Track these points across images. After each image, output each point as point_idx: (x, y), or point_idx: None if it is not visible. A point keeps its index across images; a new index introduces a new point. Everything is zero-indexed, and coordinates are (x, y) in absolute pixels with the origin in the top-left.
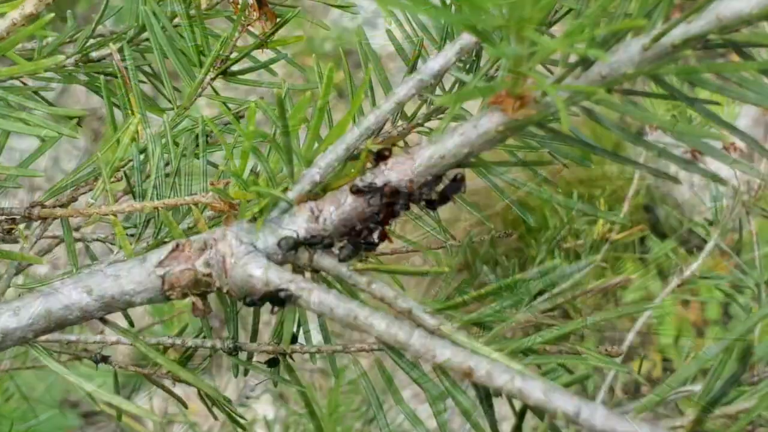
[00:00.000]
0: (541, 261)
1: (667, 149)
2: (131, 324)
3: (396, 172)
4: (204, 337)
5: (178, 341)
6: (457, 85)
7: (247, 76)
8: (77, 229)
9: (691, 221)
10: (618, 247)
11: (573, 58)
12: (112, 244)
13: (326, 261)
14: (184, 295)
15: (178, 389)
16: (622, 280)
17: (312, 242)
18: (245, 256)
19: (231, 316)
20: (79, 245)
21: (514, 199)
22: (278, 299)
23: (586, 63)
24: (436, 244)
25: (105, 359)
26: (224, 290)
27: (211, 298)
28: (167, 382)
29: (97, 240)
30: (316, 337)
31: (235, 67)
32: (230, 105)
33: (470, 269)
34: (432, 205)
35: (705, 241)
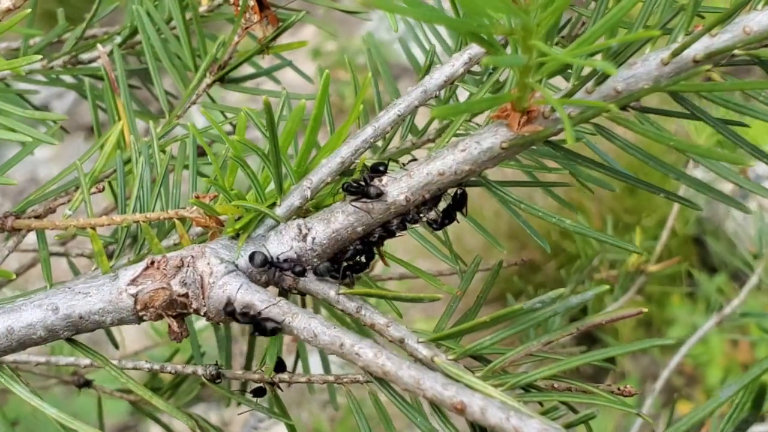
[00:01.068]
0: (572, 292)
1: (686, 173)
2: (115, 344)
3: (391, 188)
4: (189, 363)
5: (156, 366)
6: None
7: (249, 85)
8: (63, 243)
9: (735, 254)
10: (664, 280)
11: (587, 71)
12: None
13: (313, 283)
14: (159, 317)
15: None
16: (632, 312)
17: (280, 265)
18: (225, 276)
19: (222, 341)
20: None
21: (525, 221)
22: (260, 327)
23: (600, 76)
24: (448, 270)
25: (88, 383)
26: (201, 312)
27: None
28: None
29: (81, 255)
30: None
31: (234, 74)
32: (228, 114)
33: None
34: (436, 224)
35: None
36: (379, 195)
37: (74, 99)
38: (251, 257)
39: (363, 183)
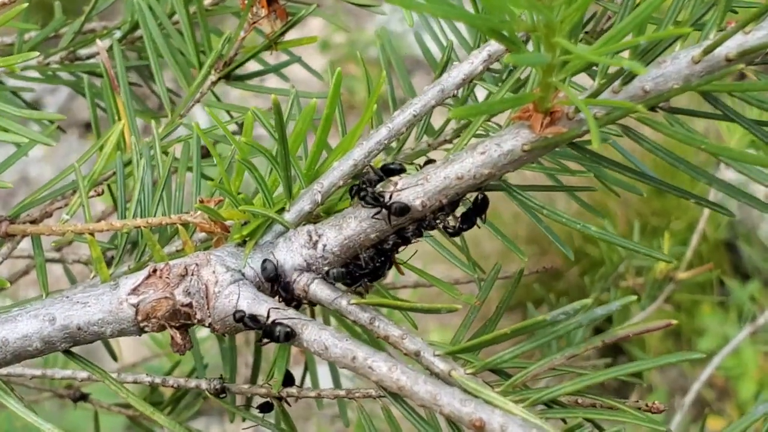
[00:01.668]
0: (596, 301)
1: (718, 178)
2: (113, 356)
3: (407, 192)
4: (192, 376)
5: (158, 380)
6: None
7: (253, 81)
8: (59, 249)
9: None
10: (693, 288)
11: (613, 69)
12: None
13: (323, 293)
14: (161, 328)
15: None
16: (661, 324)
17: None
18: (231, 285)
19: (226, 353)
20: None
21: (547, 226)
22: (270, 333)
23: (627, 76)
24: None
25: (84, 397)
26: (206, 323)
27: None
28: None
29: (78, 262)
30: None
31: (240, 71)
32: (234, 113)
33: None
34: (452, 231)
35: None
36: (404, 210)
37: (68, 94)
38: (263, 267)
39: (372, 183)
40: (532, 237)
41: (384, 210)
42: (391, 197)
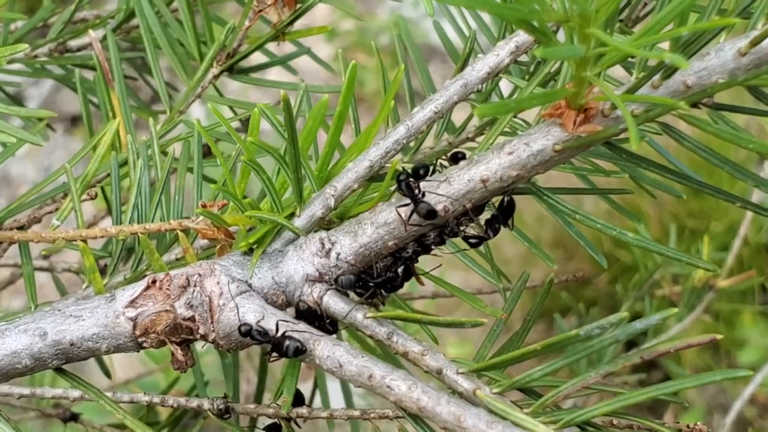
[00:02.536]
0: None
1: (763, 179)
2: (106, 372)
3: (427, 197)
4: (192, 394)
5: (156, 399)
6: (516, 93)
7: (258, 75)
8: (47, 257)
9: None
10: (733, 296)
11: (652, 63)
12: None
13: (337, 306)
14: (161, 343)
15: None
16: (703, 339)
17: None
18: (237, 297)
19: (229, 369)
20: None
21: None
22: (279, 347)
23: (667, 69)
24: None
25: (74, 417)
26: (210, 338)
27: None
28: None
29: (68, 270)
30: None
31: (244, 63)
32: (238, 110)
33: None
34: (475, 240)
35: None
36: (431, 214)
37: (53, 85)
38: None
39: (419, 174)
40: (558, 240)
41: (411, 206)
42: (423, 195)
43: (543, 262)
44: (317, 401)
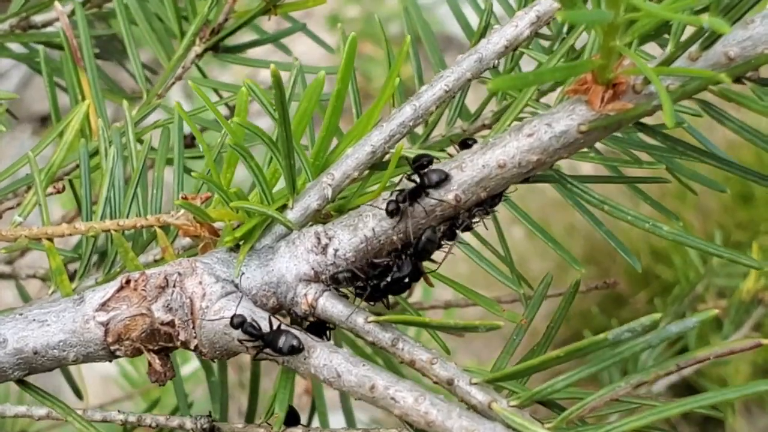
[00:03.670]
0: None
1: None
2: (77, 392)
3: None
4: (174, 413)
5: (132, 418)
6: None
7: (247, 54)
8: (10, 261)
9: None
10: None
11: (689, 31)
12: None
13: (335, 309)
14: (137, 352)
15: None
16: (749, 344)
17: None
18: (222, 299)
19: (215, 388)
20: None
21: (609, 231)
22: (272, 344)
23: (706, 39)
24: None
25: None
26: (191, 345)
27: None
28: None
29: (33, 277)
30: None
31: (230, 41)
32: (224, 93)
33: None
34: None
35: None
36: (443, 180)
37: (20, 80)
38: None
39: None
40: (590, 256)
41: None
42: (428, 179)
43: (572, 277)
44: (316, 422)
